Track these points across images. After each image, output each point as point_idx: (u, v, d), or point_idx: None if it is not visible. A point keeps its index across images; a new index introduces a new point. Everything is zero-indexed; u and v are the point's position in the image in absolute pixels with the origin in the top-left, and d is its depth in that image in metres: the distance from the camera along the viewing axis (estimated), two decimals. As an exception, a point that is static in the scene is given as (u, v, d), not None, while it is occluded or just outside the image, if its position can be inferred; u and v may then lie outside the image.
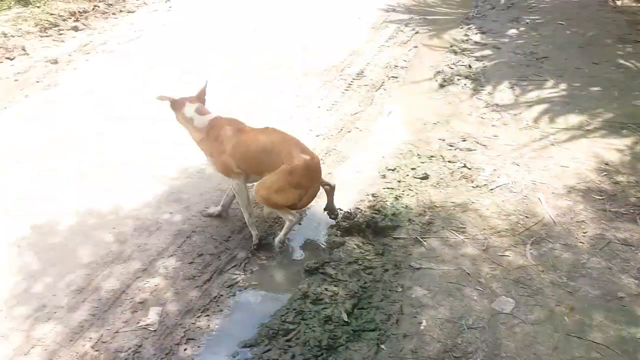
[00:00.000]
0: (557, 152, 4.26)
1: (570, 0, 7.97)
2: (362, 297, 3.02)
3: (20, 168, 4.17)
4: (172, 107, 3.55)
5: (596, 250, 3.23)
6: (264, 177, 3.31)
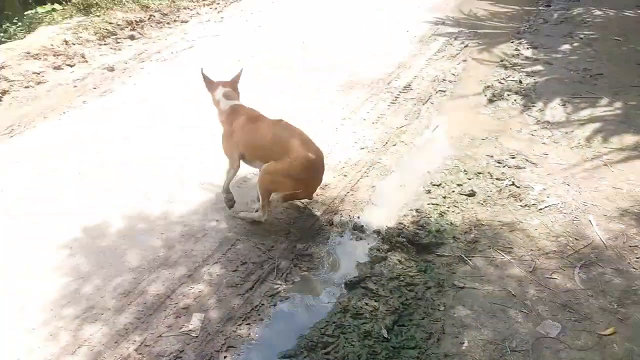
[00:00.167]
0: (610, 173, 4.12)
1: (627, 15, 7.73)
2: (403, 314, 3.00)
3: (75, 171, 4.33)
4: (207, 88, 3.95)
5: (650, 276, 3.11)
6: (269, 162, 3.53)
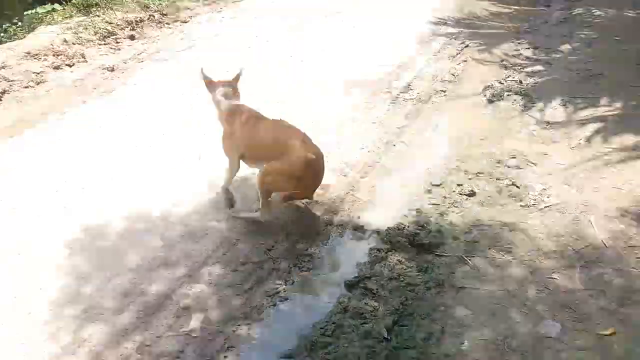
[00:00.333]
0: (611, 173, 4.11)
1: (628, 15, 7.72)
2: (403, 314, 3.00)
3: (75, 170, 4.33)
4: (207, 88, 3.94)
5: (650, 277, 3.11)
6: (270, 163, 3.52)
